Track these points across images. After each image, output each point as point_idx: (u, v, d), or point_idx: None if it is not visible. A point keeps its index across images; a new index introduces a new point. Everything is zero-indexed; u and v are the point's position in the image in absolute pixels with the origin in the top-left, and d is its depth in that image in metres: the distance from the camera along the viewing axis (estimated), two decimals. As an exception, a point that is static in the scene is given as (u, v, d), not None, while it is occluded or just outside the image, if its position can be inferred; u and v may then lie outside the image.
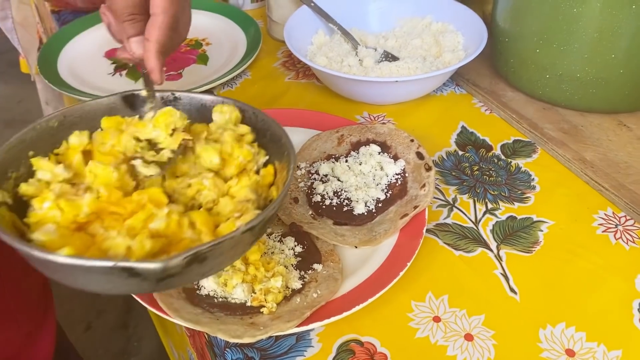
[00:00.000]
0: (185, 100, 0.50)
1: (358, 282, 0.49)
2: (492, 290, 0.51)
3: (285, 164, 0.45)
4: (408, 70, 0.70)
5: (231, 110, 0.49)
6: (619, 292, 0.50)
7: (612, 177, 0.59)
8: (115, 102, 0.49)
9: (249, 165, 0.47)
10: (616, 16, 0.59)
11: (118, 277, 0.35)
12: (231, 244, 0.38)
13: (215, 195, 0.45)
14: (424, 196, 0.55)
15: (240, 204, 0.44)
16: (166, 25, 0.45)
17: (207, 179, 0.45)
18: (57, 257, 0.35)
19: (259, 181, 0.46)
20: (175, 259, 0.35)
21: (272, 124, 0.48)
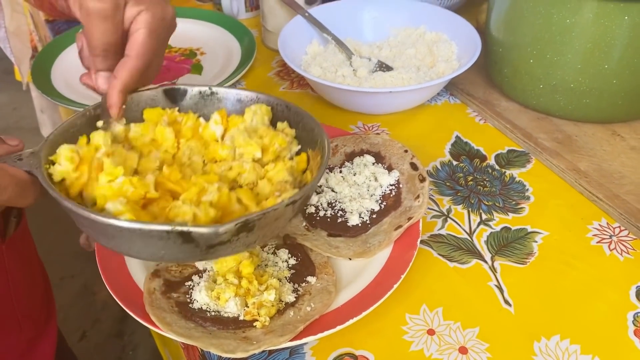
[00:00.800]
0: (222, 95, 0.53)
1: (352, 294, 0.49)
2: (486, 302, 0.50)
3: (319, 150, 0.48)
4: (402, 80, 0.70)
5: (259, 109, 0.51)
6: (613, 304, 0.50)
7: (606, 187, 0.59)
8: (157, 94, 0.52)
9: (284, 153, 0.50)
10: (609, 27, 0.59)
11: (174, 242, 0.38)
12: (275, 216, 0.41)
13: (255, 178, 0.48)
14: (418, 207, 0.55)
15: (279, 184, 0.47)
16: (137, 70, 0.47)
17: (247, 163, 0.48)
18: (119, 222, 0.37)
19: (293, 166, 0.49)
20: (228, 224, 0.37)
21: (304, 115, 0.51)
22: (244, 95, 0.53)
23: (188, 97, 0.53)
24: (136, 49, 0.46)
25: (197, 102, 0.53)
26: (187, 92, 0.53)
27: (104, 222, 0.38)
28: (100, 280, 0.49)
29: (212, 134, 0.51)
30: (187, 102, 0.53)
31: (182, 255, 0.40)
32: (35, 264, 0.75)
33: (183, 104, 0.53)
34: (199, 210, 0.41)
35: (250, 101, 0.53)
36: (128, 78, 0.47)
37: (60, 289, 1.63)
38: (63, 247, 1.75)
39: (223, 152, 0.49)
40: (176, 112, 0.52)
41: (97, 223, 0.38)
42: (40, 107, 1.70)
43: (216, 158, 0.50)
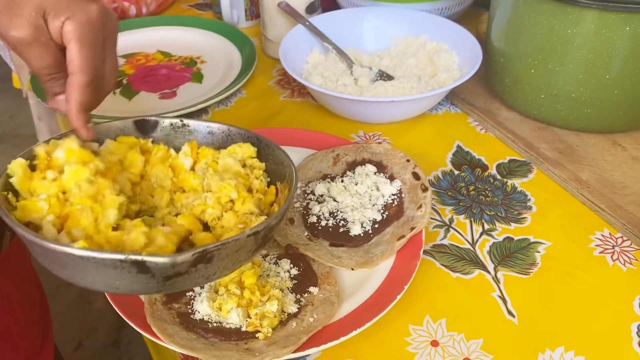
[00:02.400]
0: (193, 127, 0.54)
1: (355, 305, 0.49)
2: (490, 313, 0.50)
3: (287, 183, 0.49)
4: (403, 89, 0.70)
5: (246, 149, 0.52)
6: (617, 315, 0.50)
7: (608, 197, 0.59)
8: (127, 125, 0.52)
9: (254, 184, 0.50)
10: (610, 37, 0.59)
11: (128, 272, 0.37)
12: (236, 247, 0.40)
13: (220, 212, 0.48)
14: (421, 217, 0.54)
15: (244, 216, 0.47)
16: (85, 84, 0.44)
17: (210, 198, 0.48)
18: (72, 250, 0.37)
19: (261, 199, 0.50)
20: (185, 254, 0.37)
21: (274, 148, 0.51)
22: (215, 127, 0.53)
23: (159, 128, 0.53)
24: (75, 63, 0.43)
25: (168, 134, 0.53)
26: (158, 123, 0.53)
27: (55, 250, 0.37)
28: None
29: (181, 166, 0.51)
30: (157, 134, 0.53)
31: (137, 286, 0.39)
32: (30, 279, 0.74)
33: (154, 136, 0.53)
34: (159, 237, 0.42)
35: (222, 133, 0.53)
36: (80, 96, 0.44)
37: (56, 297, 1.61)
38: (59, 256, 1.73)
39: (194, 182, 0.50)
40: (149, 144, 0.52)
41: (49, 251, 0.37)
42: (38, 115, 1.69)
43: (185, 188, 0.50)
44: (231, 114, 0.75)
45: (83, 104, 0.45)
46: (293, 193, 0.46)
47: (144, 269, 0.37)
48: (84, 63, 0.44)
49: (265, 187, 0.51)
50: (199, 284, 0.42)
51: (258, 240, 0.42)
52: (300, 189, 0.61)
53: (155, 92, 0.79)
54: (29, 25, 0.42)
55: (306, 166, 0.64)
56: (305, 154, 0.65)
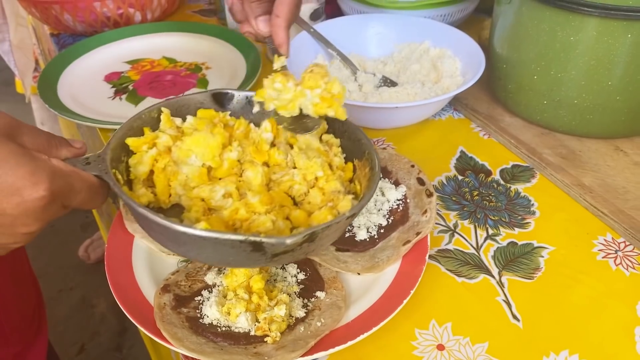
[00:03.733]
0: None
1: (362, 310, 0.49)
2: (495, 317, 0.51)
3: (367, 161, 0.50)
4: (407, 96, 0.70)
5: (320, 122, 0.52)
6: (621, 319, 0.50)
7: (610, 202, 0.60)
8: (205, 98, 0.54)
9: (334, 161, 0.52)
10: (612, 44, 0.60)
11: (244, 250, 0.40)
12: (336, 228, 0.43)
13: (306, 189, 0.50)
14: (426, 222, 0.55)
15: (332, 194, 0.49)
16: (293, 4, 0.51)
17: (297, 175, 0.50)
18: (196, 231, 0.39)
19: (341, 176, 0.51)
20: (297, 236, 0.40)
21: (349, 125, 0.52)
22: None
23: (235, 101, 0.55)
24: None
25: (243, 107, 0.55)
26: (234, 96, 0.55)
27: (178, 230, 0.40)
28: (99, 293, 0.50)
29: (263, 141, 0.52)
30: (233, 106, 0.55)
31: (249, 262, 0.43)
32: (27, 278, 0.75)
33: (230, 108, 0.55)
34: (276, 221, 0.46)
35: None
36: (288, 13, 0.50)
37: (58, 301, 1.62)
38: (61, 259, 1.74)
39: (279, 157, 0.51)
40: (227, 116, 0.54)
41: (170, 230, 0.40)
42: (41, 120, 1.70)
43: (269, 163, 0.52)
44: (236, 120, 0.76)
45: (289, 21, 0.51)
46: (378, 170, 0.47)
47: (259, 248, 0.39)
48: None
49: (344, 164, 0.52)
50: (300, 257, 0.45)
51: (351, 220, 0.45)
52: (305, 194, 0.62)
53: (161, 97, 0.79)
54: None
55: (311, 171, 0.64)
56: (311, 160, 0.65)
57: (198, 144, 0.49)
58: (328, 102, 0.50)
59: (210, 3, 1.08)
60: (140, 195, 0.49)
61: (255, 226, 0.46)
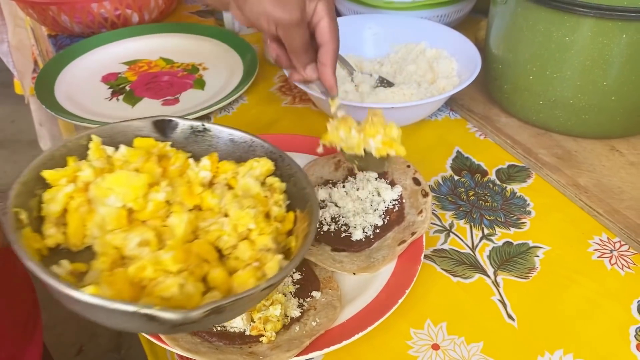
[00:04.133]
0: (215, 132, 0.52)
1: (357, 309, 0.49)
2: (490, 316, 0.51)
3: (307, 215, 0.46)
4: (404, 96, 0.71)
5: (263, 164, 0.50)
6: (615, 319, 0.50)
7: (606, 202, 0.60)
8: (145, 125, 0.50)
9: (272, 211, 0.48)
10: (607, 45, 0.60)
11: (138, 319, 0.36)
12: (249, 300, 0.40)
13: (235, 241, 0.45)
14: (422, 222, 0.55)
15: (259, 252, 0.45)
16: (335, 51, 0.55)
17: (227, 224, 0.46)
18: (82, 296, 0.36)
19: (278, 228, 0.47)
20: (196, 311, 0.35)
21: (297, 170, 0.49)
22: (238, 136, 0.51)
23: (179, 130, 0.51)
24: (328, 35, 0.53)
25: (187, 137, 0.51)
26: (179, 125, 0.51)
27: (65, 293, 0.36)
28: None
29: (199, 180, 0.49)
30: (177, 136, 0.51)
31: (147, 329, 0.39)
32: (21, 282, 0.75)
33: (173, 137, 0.51)
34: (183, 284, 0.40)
35: (244, 143, 0.51)
36: (333, 60, 0.54)
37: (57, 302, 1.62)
38: (60, 261, 1.74)
39: (212, 201, 0.47)
40: (168, 147, 0.50)
41: (54, 289, 0.37)
42: (39, 120, 1.70)
43: (202, 206, 0.48)
44: (233, 121, 0.76)
45: (334, 66, 0.55)
46: (314, 228, 0.44)
47: (154, 320, 0.35)
48: (334, 33, 0.54)
49: (284, 214, 0.49)
50: (208, 327, 0.43)
51: (272, 290, 0.42)
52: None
53: (158, 98, 0.80)
54: (299, 8, 0.50)
55: (308, 172, 0.64)
56: (307, 160, 0.66)
57: (119, 183, 0.44)
58: (389, 144, 0.54)
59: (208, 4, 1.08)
60: (48, 235, 0.44)
61: (158, 290, 0.39)
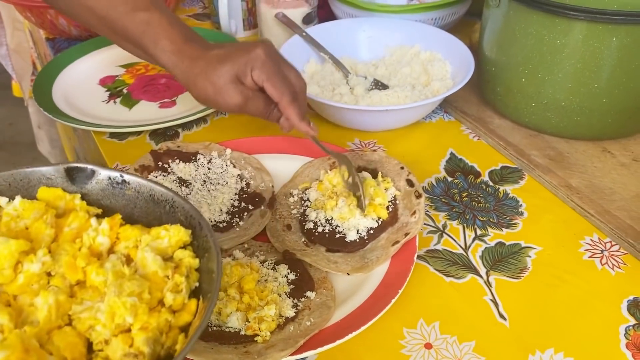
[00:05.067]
0: (134, 186, 0.46)
1: (351, 309, 0.50)
2: (482, 316, 0.51)
3: (205, 305, 0.39)
4: (398, 98, 0.71)
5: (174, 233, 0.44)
6: (606, 318, 0.51)
7: (597, 203, 0.61)
8: (56, 172, 0.46)
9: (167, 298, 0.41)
10: (598, 48, 0.61)
11: None
12: None
13: (109, 334, 0.39)
14: (415, 223, 0.56)
15: (128, 357, 0.38)
16: (289, 102, 0.57)
17: (102, 312, 0.39)
18: None
19: (170, 321, 0.40)
20: None
21: (212, 246, 0.41)
22: (159, 193, 0.45)
23: (94, 180, 0.46)
24: (276, 94, 0.57)
25: (103, 189, 0.46)
26: (95, 174, 0.46)
27: None
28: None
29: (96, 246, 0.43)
30: (91, 187, 0.46)
31: None
32: None
33: (87, 188, 0.46)
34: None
35: (165, 202, 0.45)
36: (292, 111, 0.57)
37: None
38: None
39: (96, 279, 0.41)
40: (77, 200, 0.45)
41: None
42: (38, 123, 1.70)
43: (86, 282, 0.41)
44: (229, 123, 0.77)
45: (299, 114, 0.58)
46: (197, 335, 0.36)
47: None
48: (280, 89, 0.57)
49: (184, 301, 0.41)
50: None
51: None
52: (297, 195, 0.62)
53: (155, 101, 0.80)
54: (237, 93, 0.57)
55: (303, 173, 0.65)
56: (303, 162, 0.66)
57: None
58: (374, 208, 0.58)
59: (205, 7, 1.09)
60: None
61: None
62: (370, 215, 0.58)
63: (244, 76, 0.56)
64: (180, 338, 0.39)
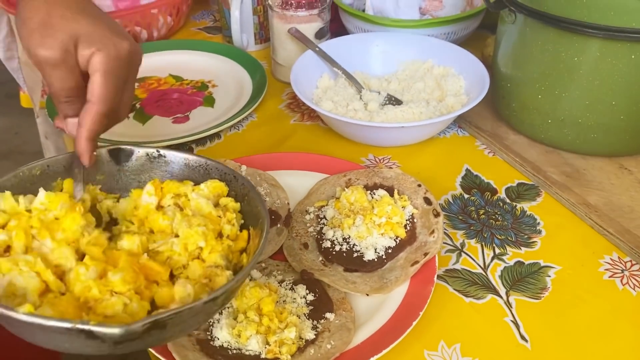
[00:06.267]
0: (170, 158, 0.53)
1: (371, 332, 0.50)
2: (503, 338, 0.51)
3: (259, 231, 0.46)
4: (413, 115, 0.71)
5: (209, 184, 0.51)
6: (628, 339, 0.51)
7: (616, 221, 0.60)
8: (101, 154, 0.51)
9: (225, 229, 0.49)
10: (616, 65, 0.60)
11: (77, 337, 0.36)
12: (192, 313, 0.39)
13: (186, 260, 0.46)
14: (434, 243, 0.56)
15: (209, 269, 0.45)
16: (100, 114, 0.46)
17: (176, 244, 0.46)
18: (15, 314, 0.36)
19: (231, 246, 0.48)
20: (135, 325, 0.35)
21: (250, 190, 0.50)
22: (193, 160, 0.53)
23: (134, 158, 0.53)
24: (96, 94, 0.45)
25: (143, 164, 0.53)
26: (134, 152, 0.53)
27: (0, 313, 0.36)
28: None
29: (146, 206, 0.50)
30: (132, 164, 0.53)
31: (88, 349, 0.37)
32: None
33: (129, 165, 0.53)
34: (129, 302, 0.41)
35: (199, 166, 0.53)
36: (92, 124, 0.46)
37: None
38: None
39: (163, 223, 0.48)
40: (97, 190, 0.51)
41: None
42: (45, 133, 1.70)
43: (154, 229, 0.49)
44: (243, 138, 0.77)
45: (94, 132, 0.47)
46: (263, 246, 0.44)
47: (93, 336, 0.35)
48: (105, 95, 0.46)
49: (237, 232, 0.49)
50: (154, 345, 0.42)
51: (217, 304, 0.42)
52: (313, 213, 0.62)
53: (168, 116, 0.80)
54: (60, 47, 0.44)
55: (318, 190, 0.65)
56: (318, 179, 0.66)
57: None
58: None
59: (216, 20, 1.09)
60: None
61: (101, 308, 0.40)
62: (388, 234, 0.57)
63: (84, 46, 0.45)
64: (243, 256, 0.47)
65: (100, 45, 0.45)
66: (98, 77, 0.45)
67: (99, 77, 0.45)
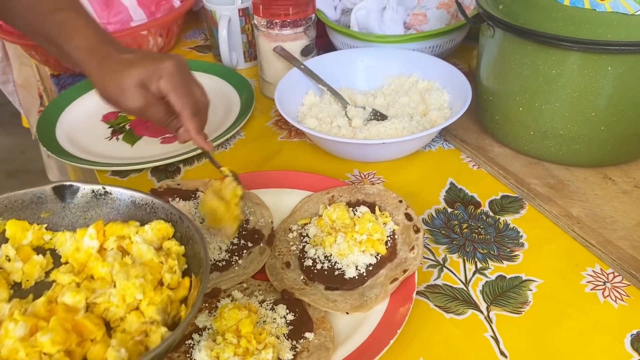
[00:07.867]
0: (116, 195, 0.54)
1: (350, 350, 0.50)
2: (483, 354, 0.51)
3: (199, 282, 0.46)
4: (395, 130, 0.71)
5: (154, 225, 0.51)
6: (609, 353, 0.50)
7: (598, 232, 0.60)
8: (45, 192, 0.53)
9: (165, 278, 0.49)
10: (593, 77, 0.61)
11: None
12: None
13: (123, 312, 0.46)
14: (413, 259, 0.56)
15: (144, 325, 0.45)
16: (191, 115, 0.59)
17: (114, 296, 0.46)
18: None
19: (171, 296, 0.48)
20: None
21: (195, 233, 0.49)
22: (139, 198, 0.53)
23: (80, 195, 0.53)
24: (178, 106, 0.59)
25: (89, 201, 0.54)
26: (79, 190, 0.53)
27: None
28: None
29: (87, 250, 0.50)
30: (78, 201, 0.53)
31: None
32: None
33: (74, 202, 0.53)
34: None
35: (146, 205, 0.53)
36: (191, 124, 0.60)
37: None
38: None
39: (103, 270, 0.49)
40: (43, 230, 0.52)
41: None
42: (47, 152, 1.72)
43: (94, 275, 0.49)
44: (230, 156, 0.78)
45: (197, 128, 0.60)
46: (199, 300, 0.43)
47: None
48: (183, 102, 0.59)
49: (179, 279, 0.50)
50: None
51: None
52: (296, 231, 0.63)
53: (157, 137, 0.81)
54: (140, 97, 0.58)
55: (302, 208, 0.65)
56: (302, 196, 0.67)
57: None
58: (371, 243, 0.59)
59: (206, 39, 1.10)
60: None
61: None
62: (369, 251, 0.58)
63: (150, 83, 0.58)
64: (182, 308, 0.48)
65: (158, 74, 0.58)
66: (172, 96, 0.59)
67: (172, 95, 0.59)
